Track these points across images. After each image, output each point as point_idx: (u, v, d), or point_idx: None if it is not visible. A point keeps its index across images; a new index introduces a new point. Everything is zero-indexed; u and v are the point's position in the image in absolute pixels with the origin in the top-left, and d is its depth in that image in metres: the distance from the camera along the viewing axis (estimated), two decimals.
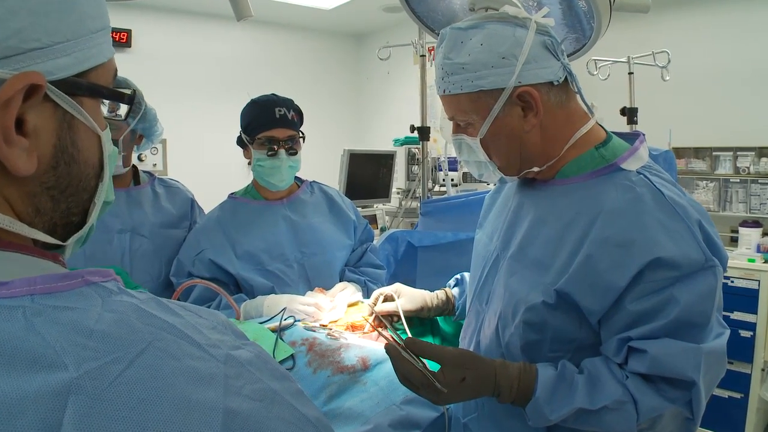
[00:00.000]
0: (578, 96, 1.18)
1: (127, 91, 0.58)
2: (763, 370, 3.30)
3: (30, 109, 0.47)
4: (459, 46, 1.11)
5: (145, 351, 0.42)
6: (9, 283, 0.42)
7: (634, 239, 1.00)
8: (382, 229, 3.85)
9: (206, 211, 2.08)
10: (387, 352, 1.11)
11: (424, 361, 1.08)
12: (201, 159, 5.16)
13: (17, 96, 0.45)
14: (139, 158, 4.56)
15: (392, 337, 1.15)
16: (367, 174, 4.01)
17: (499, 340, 1.17)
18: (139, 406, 0.38)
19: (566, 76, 1.13)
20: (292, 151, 1.89)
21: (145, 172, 2.08)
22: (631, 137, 1.20)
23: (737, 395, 3.33)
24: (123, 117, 0.65)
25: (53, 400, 0.36)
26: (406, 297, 1.59)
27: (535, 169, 1.17)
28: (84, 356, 0.39)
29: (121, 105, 0.61)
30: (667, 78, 3.21)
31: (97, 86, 0.53)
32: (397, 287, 1.62)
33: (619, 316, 1.01)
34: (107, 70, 0.55)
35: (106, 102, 0.65)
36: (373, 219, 4.01)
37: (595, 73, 3.35)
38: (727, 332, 1.03)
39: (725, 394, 3.35)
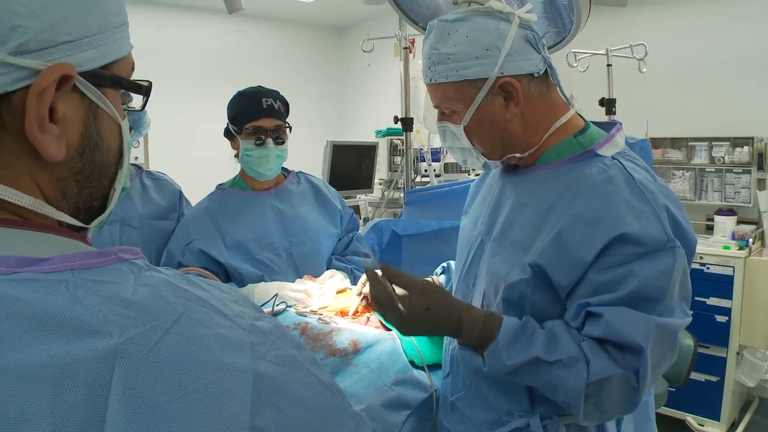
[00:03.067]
0: (558, 88, 1.23)
1: (144, 83, 0.62)
2: (738, 353, 3.39)
3: (60, 98, 0.50)
4: (446, 37, 1.16)
5: (179, 320, 0.46)
6: (50, 259, 0.45)
7: (602, 216, 1.06)
8: (365, 220, 3.88)
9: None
10: (366, 273, 1.16)
11: (397, 289, 1.13)
12: (182, 152, 5.09)
13: (51, 86, 0.48)
14: None
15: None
16: (350, 165, 4.03)
17: None
18: (180, 368, 0.42)
19: (546, 69, 1.18)
20: (280, 141, 1.92)
21: (132, 164, 2.10)
22: (608, 126, 1.25)
23: (713, 378, 3.41)
24: (141, 108, 0.69)
25: (102, 362, 0.40)
26: None
27: (517, 155, 1.22)
28: (125, 324, 0.43)
29: (133, 96, 0.64)
30: (645, 70, 3.27)
31: (119, 78, 0.57)
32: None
33: (582, 286, 1.07)
34: (127, 63, 0.59)
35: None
36: (356, 209, 4.01)
37: (575, 65, 3.40)
38: (688, 320, 1.08)
39: (702, 377, 3.43)
